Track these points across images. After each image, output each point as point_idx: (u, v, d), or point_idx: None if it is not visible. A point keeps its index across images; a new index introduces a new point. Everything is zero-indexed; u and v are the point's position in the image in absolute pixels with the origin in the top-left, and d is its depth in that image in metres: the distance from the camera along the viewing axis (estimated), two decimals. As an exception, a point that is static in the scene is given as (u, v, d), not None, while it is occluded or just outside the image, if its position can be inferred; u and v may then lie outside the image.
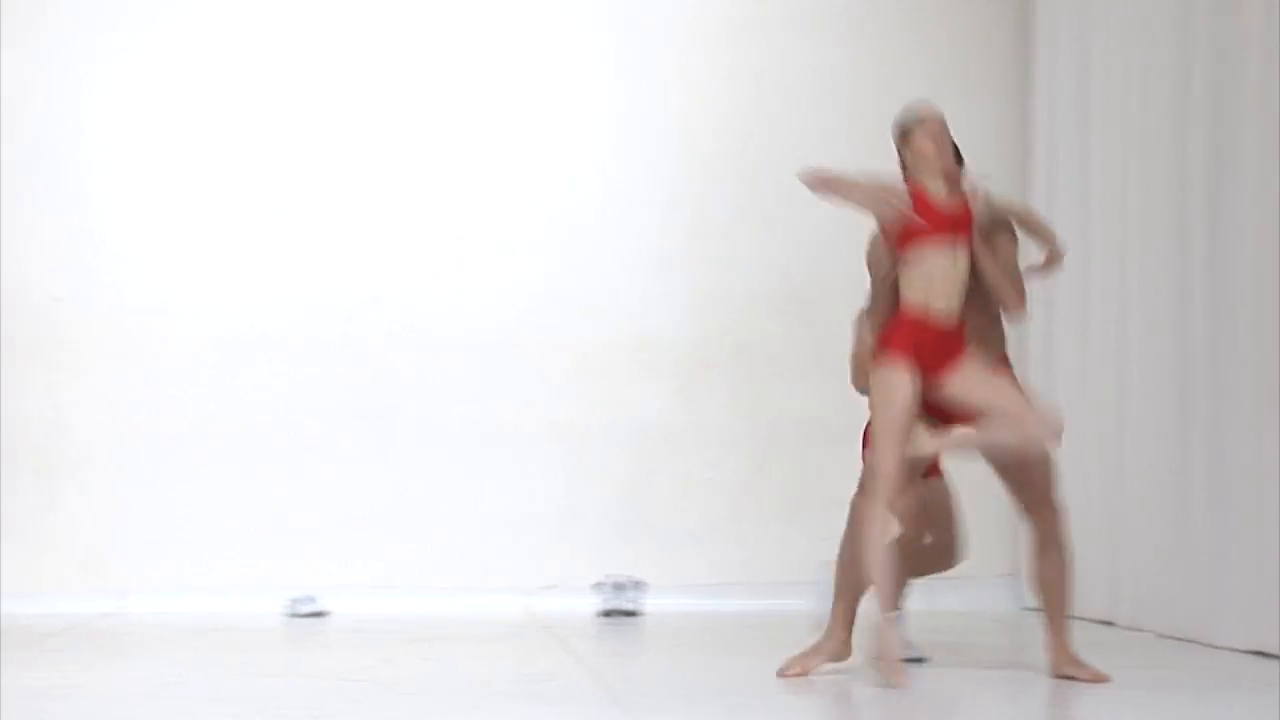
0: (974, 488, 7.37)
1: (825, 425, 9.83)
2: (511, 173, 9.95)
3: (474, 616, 9.21)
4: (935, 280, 6.74)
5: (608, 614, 9.48)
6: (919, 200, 6.81)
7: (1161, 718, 6.28)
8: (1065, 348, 9.31)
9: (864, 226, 9.92)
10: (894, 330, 6.76)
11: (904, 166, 6.92)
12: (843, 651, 6.92)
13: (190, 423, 9.76)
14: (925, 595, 9.44)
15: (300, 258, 9.88)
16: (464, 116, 9.94)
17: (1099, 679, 6.79)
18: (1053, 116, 9.51)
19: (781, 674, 6.89)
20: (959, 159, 6.95)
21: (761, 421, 9.92)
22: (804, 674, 6.89)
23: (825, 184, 6.78)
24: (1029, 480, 6.79)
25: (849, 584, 6.86)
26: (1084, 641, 8.25)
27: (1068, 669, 6.85)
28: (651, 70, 10.01)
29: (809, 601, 7.57)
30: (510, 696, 6.66)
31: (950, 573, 7.38)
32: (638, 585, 9.52)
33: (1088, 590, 8.97)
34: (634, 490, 9.87)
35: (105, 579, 9.64)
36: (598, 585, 9.52)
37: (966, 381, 6.66)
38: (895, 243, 6.84)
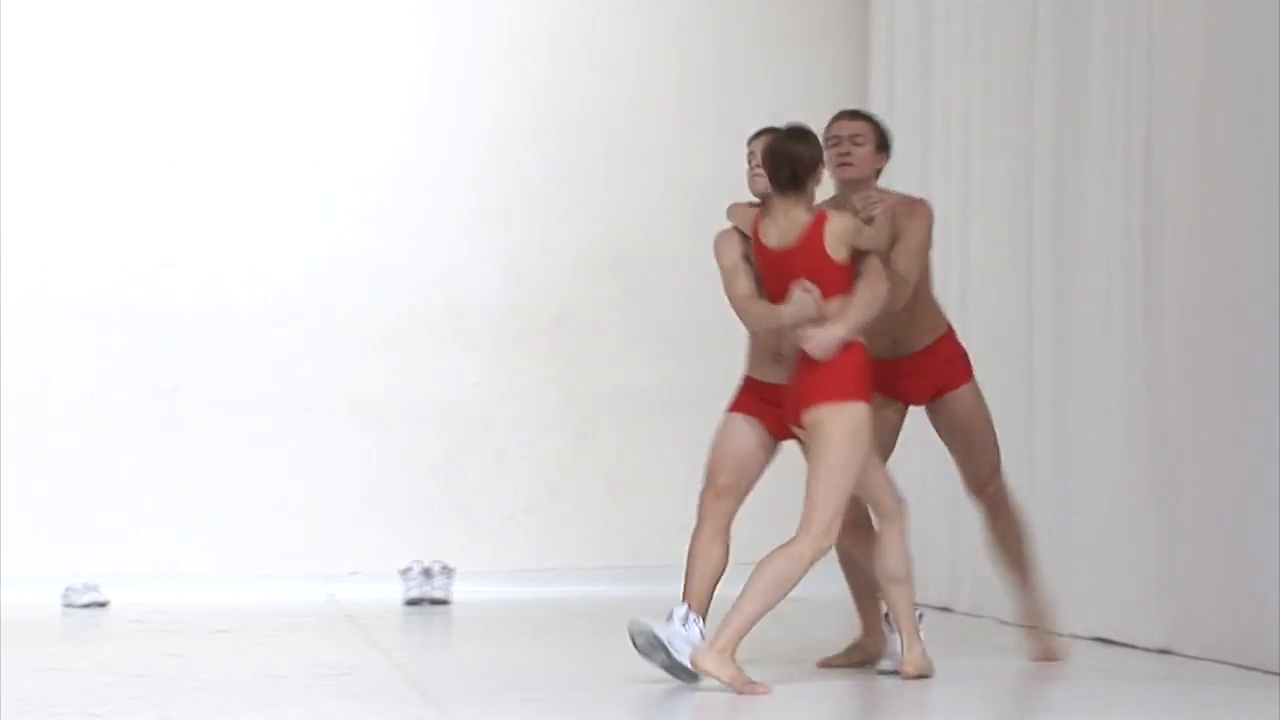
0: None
1: (652, 399, 9.89)
2: (313, 128, 9.87)
3: (270, 605, 9.14)
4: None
5: (415, 602, 9.46)
6: (755, 238, 6.74)
7: (1000, 703, 6.37)
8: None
9: (693, 186, 10.12)
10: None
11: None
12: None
13: (-42, 396, 9.59)
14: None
15: (87, 218, 9.74)
16: (262, 68, 9.86)
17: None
18: (892, 72, 9.60)
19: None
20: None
21: (582, 395, 9.95)
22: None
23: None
24: (973, 449, 7.16)
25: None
26: (922, 627, 8.35)
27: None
28: (467, 17, 9.97)
29: None
30: (307, 691, 6.62)
31: None
32: (447, 571, 9.52)
33: (925, 576, 9.07)
34: (444, 470, 9.86)
35: None
36: (404, 571, 9.52)
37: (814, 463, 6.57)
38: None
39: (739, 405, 6.90)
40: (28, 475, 9.58)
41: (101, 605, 9.32)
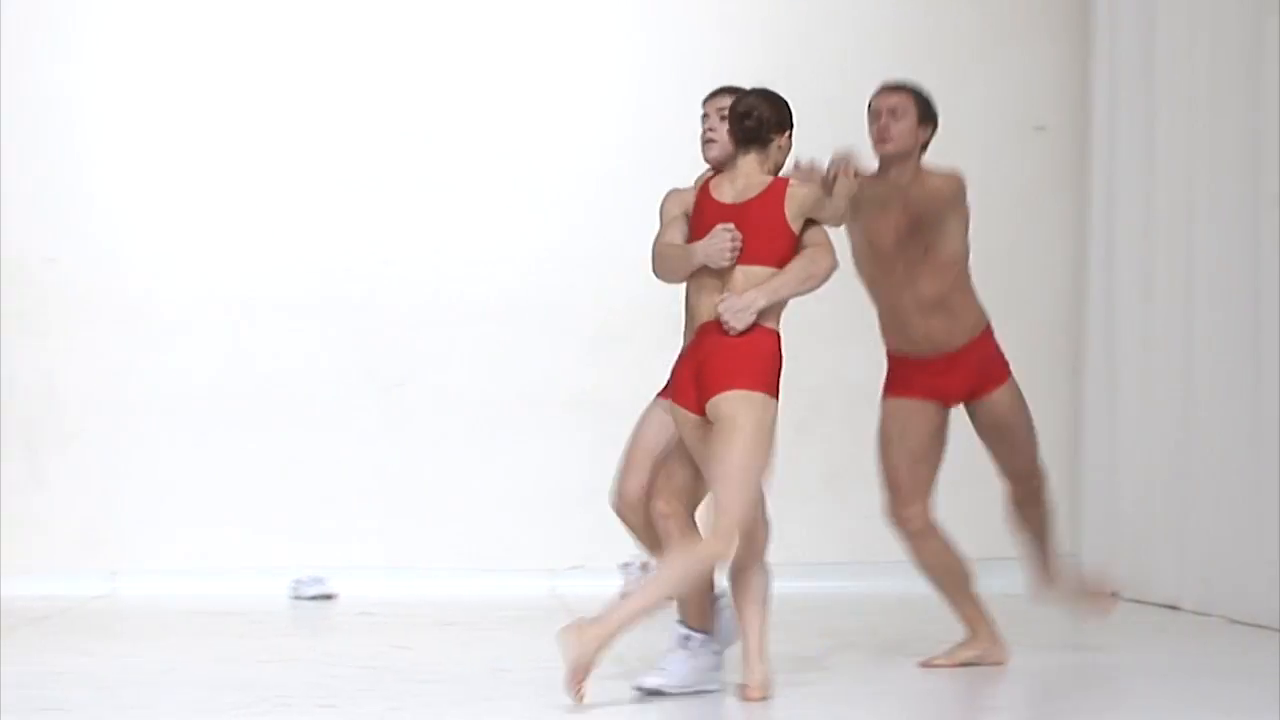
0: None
1: (872, 391, 9.70)
2: (530, 127, 9.96)
3: (493, 599, 9.25)
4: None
5: (636, 597, 9.49)
6: (702, 197, 6.24)
7: (1234, 709, 6.29)
8: (1128, 318, 9.25)
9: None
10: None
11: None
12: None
13: (190, 393, 9.79)
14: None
15: (309, 217, 9.91)
16: (479, 66, 9.96)
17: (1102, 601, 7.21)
18: (1114, 65, 9.46)
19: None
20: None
21: (802, 388, 9.83)
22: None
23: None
24: (1013, 449, 7.07)
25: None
26: (1148, 625, 8.27)
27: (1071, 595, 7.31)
28: (682, 15, 9.99)
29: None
30: (530, 684, 6.68)
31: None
32: (668, 566, 9.53)
33: (1151, 573, 8.96)
34: (663, 464, 9.88)
35: (97, 559, 9.67)
36: (624, 565, 9.55)
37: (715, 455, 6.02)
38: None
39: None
40: (257, 470, 9.76)
41: (329, 598, 9.47)
